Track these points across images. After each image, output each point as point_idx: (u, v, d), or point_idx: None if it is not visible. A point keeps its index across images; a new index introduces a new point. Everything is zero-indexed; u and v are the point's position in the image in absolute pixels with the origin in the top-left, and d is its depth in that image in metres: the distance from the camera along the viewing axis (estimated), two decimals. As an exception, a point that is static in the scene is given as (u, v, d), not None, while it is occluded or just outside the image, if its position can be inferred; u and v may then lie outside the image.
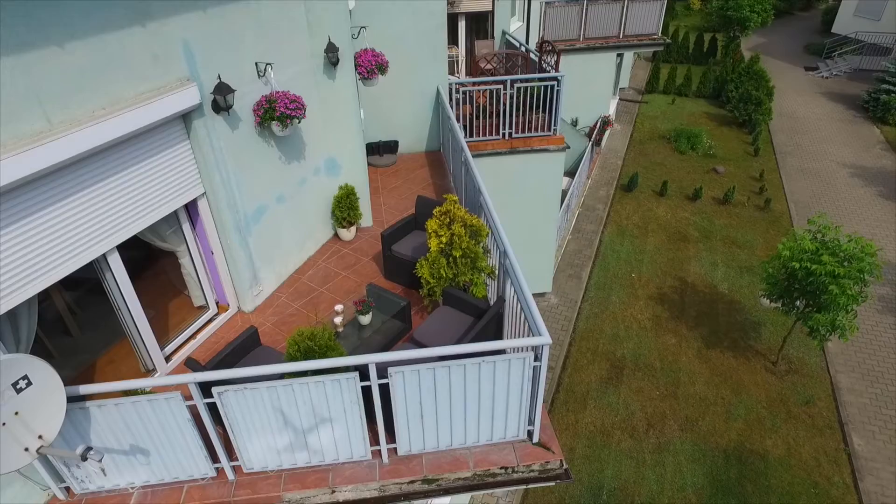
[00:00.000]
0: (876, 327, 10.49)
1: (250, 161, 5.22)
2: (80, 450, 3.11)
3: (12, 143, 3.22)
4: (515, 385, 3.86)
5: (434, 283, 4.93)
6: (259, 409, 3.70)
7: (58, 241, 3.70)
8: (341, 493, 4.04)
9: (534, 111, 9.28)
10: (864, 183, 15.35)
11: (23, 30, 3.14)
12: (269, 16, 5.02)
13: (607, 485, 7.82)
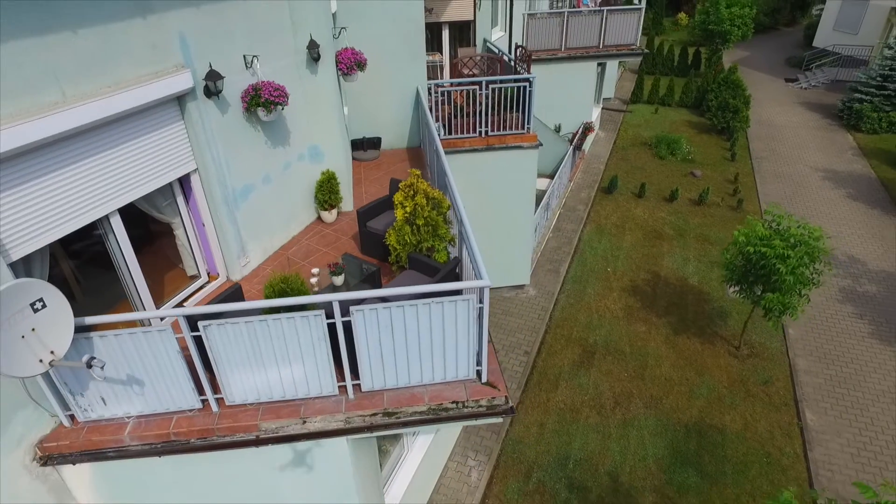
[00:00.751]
0: (835, 315, 11.07)
1: (238, 143, 5.85)
2: (86, 358, 3.70)
3: (34, 110, 3.85)
4: (463, 325, 4.44)
5: (400, 248, 5.54)
6: (239, 345, 4.28)
7: (71, 198, 4.31)
8: (311, 424, 4.60)
9: (508, 111, 9.97)
10: (834, 185, 16.02)
11: (45, 15, 3.79)
12: (257, 14, 5.69)
13: (574, 455, 8.34)
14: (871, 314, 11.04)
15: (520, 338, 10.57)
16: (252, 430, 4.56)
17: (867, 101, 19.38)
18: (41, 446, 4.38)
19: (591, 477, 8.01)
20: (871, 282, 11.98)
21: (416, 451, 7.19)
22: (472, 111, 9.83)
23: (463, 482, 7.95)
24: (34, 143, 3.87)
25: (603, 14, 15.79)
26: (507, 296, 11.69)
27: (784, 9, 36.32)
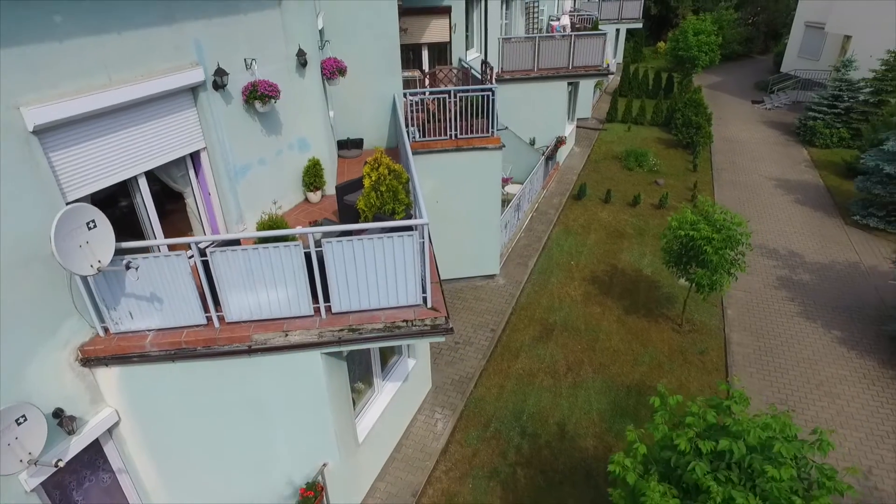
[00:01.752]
0: (770, 299, 12.36)
1: (239, 129, 7.25)
2: (125, 261, 5.02)
3: (89, 89, 5.24)
4: (409, 257, 5.75)
5: (367, 210, 6.87)
6: (236, 269, 5.58)
7: (111, 158, 5.66)
8: (292, 337, 5.88)
9: (475, 117, 11.43)
10: (784, 192, 17.48)
11: (100, 20, 5.21)
12: (256, 26, 7.16)
13: (528, 410, 9.53)
14: (802, 297, 12.34)
15: (488, 318, 11.83)
16: (245, 341, 5.84)
17: (820, 118, 21.01)
18: (82, 349, 5.64)
19: (541, 426, 9.20)
20: (806, 272, 13.31)
21: (385, 395, 8.39)
22: (443, 117, 11.29)
23: (430, 431, 9.13)
24: (89, 113, 5.24)
25: (571, 39, 17.48)
26: (478, 284, 12.98)
27: (757, 38, 38.48)
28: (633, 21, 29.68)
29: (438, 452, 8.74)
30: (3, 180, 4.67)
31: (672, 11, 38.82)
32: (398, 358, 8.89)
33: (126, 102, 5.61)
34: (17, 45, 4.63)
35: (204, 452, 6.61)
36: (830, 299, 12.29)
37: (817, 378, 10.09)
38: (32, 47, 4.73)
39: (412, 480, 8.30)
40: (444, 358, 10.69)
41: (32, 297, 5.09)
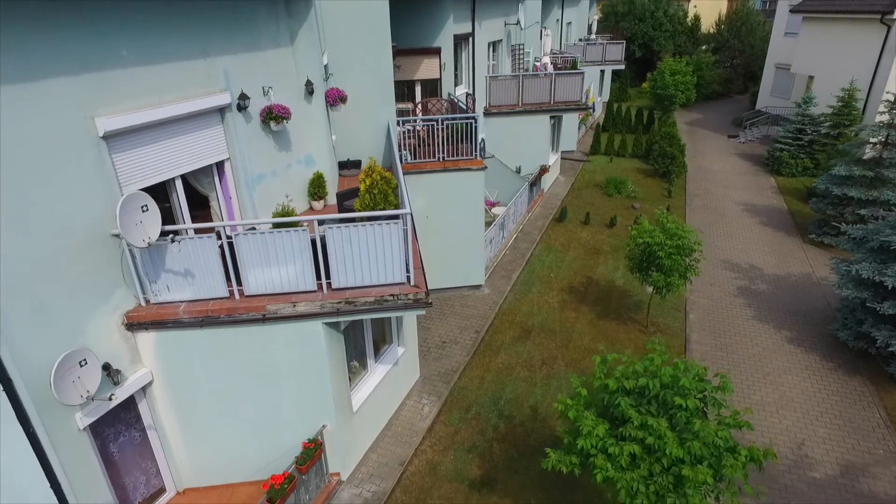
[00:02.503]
0: (729, 305, 13.60)
1: (256, 144, 8.67)
2: (171, 236, 6.35)
3: (145, 107, 6.69)
4: (396, 241, 7.09)
5: (362, 209, 8.23)
6: (255, 250, 6.91)
7: (157, 161, 7.07)
8: (299, 307, 7.16)
9: (460, 142, 12.94)
10: (750, 215, 18.92)
11: (152, 54, 6.70)
12: (272, 60, 8.68)
13: (505, 396, 10.66)
14: (758, 304, 13.59)
15: (473, 322, 13.05)
16: (261, 311, 7.11)
17: (786, 150, 22.67)
18: (127, 315, 6.91)
19: (516, 409, 10.33)
20: (764, 282, 14.60)
21: (377, 375, 9.56)
22: (432, 142, 12.79)
23: (417, 413, 10.26)
24: (143, 124, 6.67)
25: (552, 77, 19.25)
26: (465, 294, 14.24)
27: (736, 79, 40.75)
28: (616, 63, 31.75)
29: (424, 430, 9.85)
30: (79, 174, 6.05)
31: (655, 55, 41.22)
32: (388, 346, 10.10)
33: (169, 118, 7.05)
34: (95, 71, 6.08)
35: (222, 412, 7.79)
36: (783, 305, 13.54)
37: (765, 370, 11.26)
38: (105, 73, 6.19)
39: (401, 452, 9.40)
40: (432, 354, 11.87)
41: (94, 268, 6.41)
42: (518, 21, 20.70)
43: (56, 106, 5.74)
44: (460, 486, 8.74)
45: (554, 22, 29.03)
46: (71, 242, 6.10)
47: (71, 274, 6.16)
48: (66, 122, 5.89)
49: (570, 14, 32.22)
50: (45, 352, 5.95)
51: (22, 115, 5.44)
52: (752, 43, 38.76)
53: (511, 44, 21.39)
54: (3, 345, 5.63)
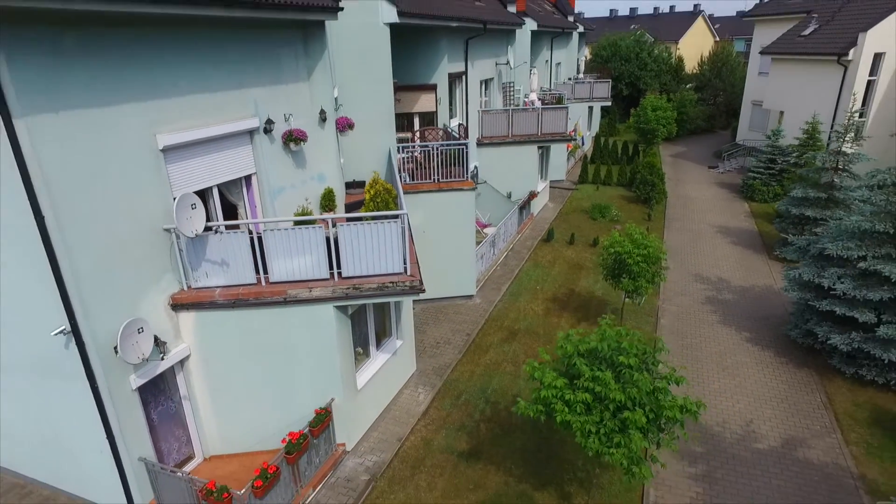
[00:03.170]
0: (697, 312, 15.01)
1: (278, 162, 10.27)
2: (215, 227, 7.86)
3: (194, 127, 8.30)
4: (395, 237, 8.59)
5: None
6: (280, 243, 8.41)
7: (200, 172, 8.64)
8: (314, 292, 8.61)
9: (453, 165, 14.58)
10: (723, 236, 20.48)
11: (200, 86, 8.35)
12: (292, 92, 10.35)
13: (492, 387, 11.97)
14: (723, 311, 15.00)
15: (465, 326, 14.43)
16: (283, 295, 8.56)
17: (759, 178, 24.43)
18: (172, 297, 8.37)
19: (501, 397, 11.63)
20: (730, 293, 16.03)
21: (378, 361, 10.92)
22: (428, 165, 14.44)
23: (413, 400, 11.56)
24: (191, 141, 8.26)
25: (539, 111, 21.11)
26: (458, 303, 15.66)
27: (720, 115, 42.98)
28: (603, 100, 33.91)
29: (420, 414, 11.15)
30: (143, 178, 7.61)
31: (641, 93, 43.58)
32: (388, 338, 11.49)
33: (211, 137, 8.65)
34: (159, 98, 7.71)
35: (246, 385, 9.14)
36: (745, 311, 14.95)
37: (724, 364, 12.61)
38: (166, 99, 7.82)
39: (398, 431, 10.68)
40: (427, 353, 13.22)
41: (149, 256, 7.90)
42: (507, 61, 22.75)
43: (131, 124, 7.34)
44: (450, 457, 10.00)
45: (543, 62, 31.28)
46: (134, 233, 7.62)
47: (133, 259, 7.65)
48: (137, 137, 7.48)
49: (559, 55, 34.58)
50: (110, 321, 7.38)
51: (107, 130, 7.04)
52: (733, 82, 41.15)
53: (502, 81, 23.38)
54: (80, 312, 7.09)
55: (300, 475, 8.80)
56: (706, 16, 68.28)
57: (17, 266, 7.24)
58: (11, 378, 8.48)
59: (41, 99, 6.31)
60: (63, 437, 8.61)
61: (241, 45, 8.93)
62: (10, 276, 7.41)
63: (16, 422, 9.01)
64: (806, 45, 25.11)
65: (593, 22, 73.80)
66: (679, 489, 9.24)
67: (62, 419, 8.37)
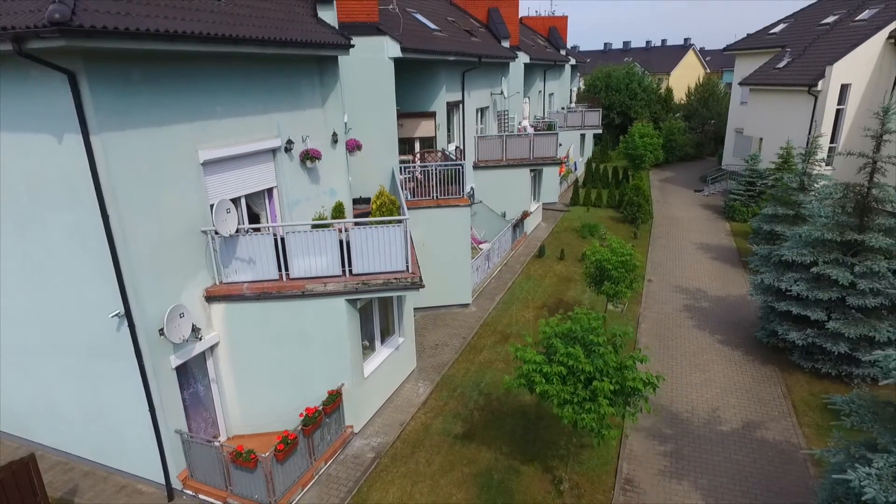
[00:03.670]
0: (675, 318, 16.29)
1: (296, 177, 11.71)
2: (245, 229, 9.25)
3: (228, 145, 9.76)
4: (398, 239, 9.98)
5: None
6: (300, 244, 9.79)
7: (231, 183, 10.07)
8: (328, 287, 9.95)
9: (450, 184, 16.05)
10: (703, 252, 21.87)
11: (234, 110, 9.85)
12: (309, 117, 11.86)
13: (485, 381, 13.19)
14: (699, 317, 16.28)
15: (461, 331, 15.70)
16: (301, 289, 9.90)
17: (739, 200, 25.94)
18: (206, 290, 9.71)
19: (493, 390, 12.85)
20: (706, 301, 17.34)
21: (381, 355, 12.17)
22: (427, 184, 15.92)
23: (414, 392, 12.78)
24: (225, 157, 9.71)
25: (531, 137, 22.73)
26: (455, 311, 16.95)
27: (708, 142, 44.83)
28: (595, 128, 35.74)
29: (419, 403, 12.36)
30: (186, 187, 9.03)
31: (632, 121, 45.51)
32: (391, 336, 12.77)
33: (241, 154, 10.11)
34: (201, 120, 9.19)
35: (267, 370, 10.40)
36: (719, 317, 16.23)
37: (696, 361, 13.84)
38: (206, 121, 9.29)
39: (400, 417, 11.88)
40: (426, 353, 14.46)
41: (189, 253, 9.28)
42: (502, 91, 24.50)
43: (179, 141, 8.81)
44: (447, 439, 11.18)
45: (537, 92, 33.17)
46: (178, 233, 9.01)
47: (176, 255, 9.03)
48: (183, 152, 8.93)
49: (552, 86, 36.54)
50: (156, 307, 8.72)
51: (161, 146, 8.50)
52: (719, 111, 43.11)
53: (497, 110, 25.09)
54: (133, 298, 8.43)
55: (314, 448, 10.00)
56: (696, 49, 71.13)
57: (78, 258, 8.61)
58: (63, 361, 9.76)
59: (113, 120, 7.77)
60: (107, 413, 9.83)
61: (267, 77, 10.47)
62: (68, 268, 8.77)
63: (62, 401, 10.25)
64: (780, 77, 26.92)
65: (588, 55, 76.70)
66: (649, 463, 10.42)
67: (108, 397, 9.61)
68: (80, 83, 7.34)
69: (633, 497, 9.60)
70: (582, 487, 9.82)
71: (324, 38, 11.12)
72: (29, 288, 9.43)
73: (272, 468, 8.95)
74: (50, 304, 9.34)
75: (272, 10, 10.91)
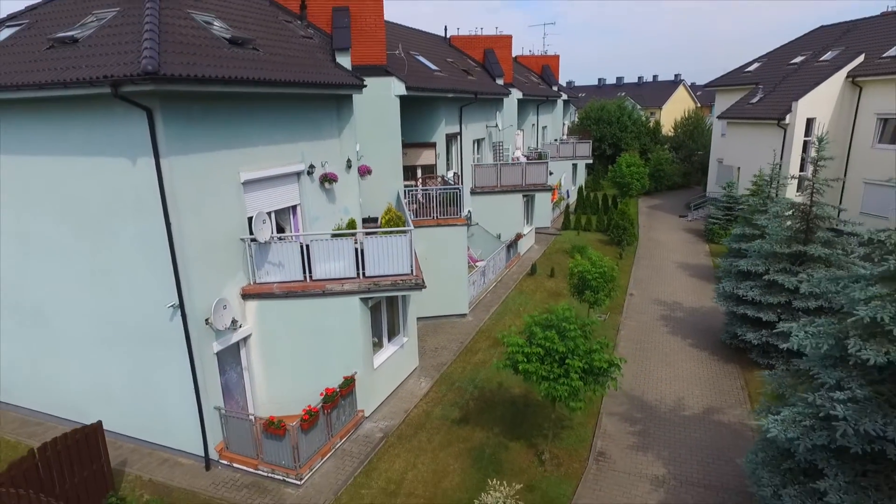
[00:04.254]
0: (652, 326, 18.03)
1: (315, 197, 13.63)
2: (275, 237, 11.13)
3: (262, 168, 11.72)
4: (404, 246, 11.86)
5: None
6: (321, 251, 11.66)
7: (264, 200, 11.99)
8: (345, 287, 11.77)
9: (449, 206, 18.01)
10: (683, 270, 23.71)
11: (268, 139, 11.86)
12: (328, 146, 13.87)
13: (480, 377, 14.87)
14: (673, 325, 18.02)
15: (458, 337, 17.43)
16: (322, 289, 11.72)
17: (717, 223, 27.92)
18: (242, 289, 11.53)
19: (487, 384, 14.53)
20: (681, 312, 19.10)
21: (388, 350, 13.91)
22: (429, 205, 17.87)
23: (416, 386, 14.46)
24: (260, 178, 11.64)
25: (523, 165, 24.84)
26: (454, 320, 18.69)
27: (695, 172, 47.10)
28: (585, 158, 38.01)
29: (421, 395, 14.03)
30: (230, 201, 10.95)
31: (622, 151, 47.92)
32: (397, 335, 14.52)
33: (272, 175, 12.06)
34: (243, 147, 11.17)
35: (291, 359, 12.13)
36: (691, 325, 17.98)
37: (667, 360, 15.54)
38: (246, 148, 11.27)
39: (405, 406, 13.54)
40: (428, 355, 16.17)
41: (229, 257, 11.14)
42: (496, 124, 26.73)
43: (225, 164, 10.76)
44: (445, 422, 12.83)
45: (530, 125, 35.53)
46: (222, 240, 10.89)
47: (220, 258, 10.89)
48: (228, 173, 10.88)
49: (545, 119, 38.96)
50: (203, 300, 10.53)
51: (212, 167, 10.45)
52: (704, 143, 45.52)
53: (492, 141, 27.28)
54: (186, 292, 10.26)
55: (332, 425, 11.67)
56: (687, 84, 74.35)
57: (141, 260, 10.44)
58: (120, 351, 11.50)
59: (177, 146, 9.73)
60: (155, 394, 11.52)
61: (294, 113, 12.51)
62: (132, 268, 10.61)
63: (117, 386, 11.94)
64: (753, 111, 29.21)
65: (583, 90, 79.95)
66: (620, 440, 12.06)
67: (158, 379, 11.32)
68: (156, 117, 9.33)
69: (604, 465, 11.24)
70: (561, 458, 11.45)
71: (341, 80, 13.23)
72: (94, 288, 11.24)
73: (298, 437, 10.62)
74: (114, 302, 11.13)
75: (299, 57, 13.05)
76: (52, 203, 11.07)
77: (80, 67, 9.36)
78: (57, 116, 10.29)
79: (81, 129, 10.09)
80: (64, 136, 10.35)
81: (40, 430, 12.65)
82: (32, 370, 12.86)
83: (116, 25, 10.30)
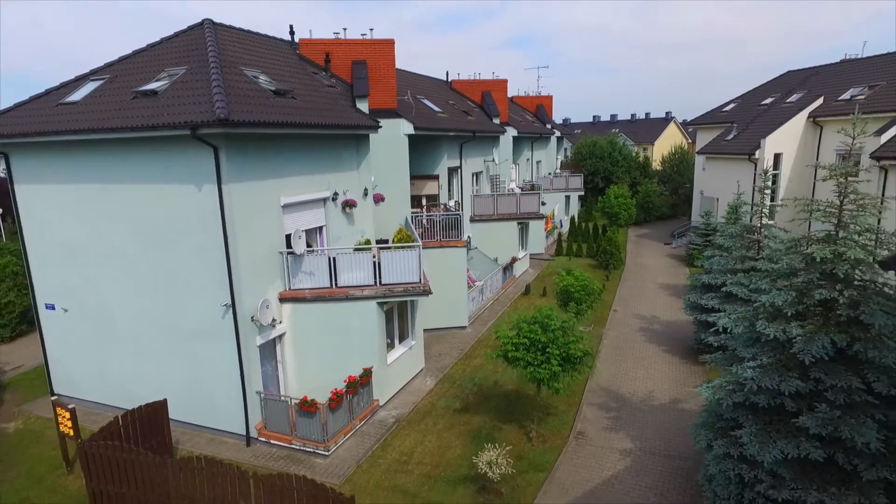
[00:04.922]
0: (632, 336, 20.24)
1: (338, 220, 16.07)
2: (307, 250, 13.54)
3: (297, 194, 14.21)
4: (415, 258, 14.25)
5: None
6: (345, 263, 14.05)
7: (297, 221, 14.43)
8: (365, 292, 14.11)
9: (451, 230, 20.46)
10: (663, 290, 26.02)
11: (301, 170, 14.39)
12: (348, 177, 16.39)
13: (478, 376, 17.04)
14: (650, 335, 20.24)
15: (459, 345, 19.64)
16: (345, 294, 14.06)
17: (697, 248, 30.37)
18: (280, 294, 13.88)
19: (484, 381, 16.70)
20: (658, 325, 21.34)
21: (398, 350, 16.13)
22: (433, 229, 20.33)
23: (422, 383, 16.64)
24: (295, 202, 14.12)
25: (518, 195, 27.43)
26: (455, 332, 20.92)
27: (682, 203, 49.83)
28: (577, 190, 40.77)
29: (427, 391, 16.20)
30: (271, 221, 13.40)
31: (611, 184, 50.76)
32: (406, 338, 16.76)
33: (304, 200, 14.53)
34: (282, 177, 13.67)
35: (318, 353, 14.37)
36: (667, 335, 20.20)
37: (643, 363, 17.72)
38: (285, 178, 13.78)
39: (413, 399, 15.70)
40: (432, 360, 18.36)
41: (270, 267, 13.52)
42: (493, 159, 29.45)
43: (270, 190, 13.25)
44: (448, 411, 14.98)
45: (525, 160, 38.35)
46: (265, 252, 13.29)
47: (263, 267, 13.27)
48: (271, 198, 13.36)
49: (539, 154, 41.85)
50: (250, 301, 12.86)
51: (260, 193, 12.94)
52: (689, 176, 48.35)
53: (490, 174, 29.96)
54: (238, 294, 12.60)
55: (353, 409, 13.83)
56: (678, 121, 77.94)
57: (200, 268, 12.81)
58: (176, 345, 13.75)
59: (235, 175, 12.23)
60: (204, 382, 13.71)
61: (322, 149, 15.09)
62: (192, 275, 12.97)
63: (170, 376, 14.14)
64: (728, 147, 31.99)
65: (578, 126, 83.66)
66: (597, 423, 14.19)
67: (208, 369, 13.53)
68: (220, 153, 11.84)
69: (582, 441, 13.36)
70: (546, 437, 13.57)
71: (360, 122, 15.87)
72: (156, 292, 13.57)
73: (326, 415, 12.79)
74: (173, 304, 13.44)
75: (327, 103, 15.71)
76: (125, 222, 13.50)
77: (162, 115, 11.93)
78: (138, 153, 12.81)
79: (160, 163, 12.59)
80: (141, 168, 12.85)
81: (101, 419, 14.78)
82: (99, 367, 15.08)
83: (188, 81, 12.94)
